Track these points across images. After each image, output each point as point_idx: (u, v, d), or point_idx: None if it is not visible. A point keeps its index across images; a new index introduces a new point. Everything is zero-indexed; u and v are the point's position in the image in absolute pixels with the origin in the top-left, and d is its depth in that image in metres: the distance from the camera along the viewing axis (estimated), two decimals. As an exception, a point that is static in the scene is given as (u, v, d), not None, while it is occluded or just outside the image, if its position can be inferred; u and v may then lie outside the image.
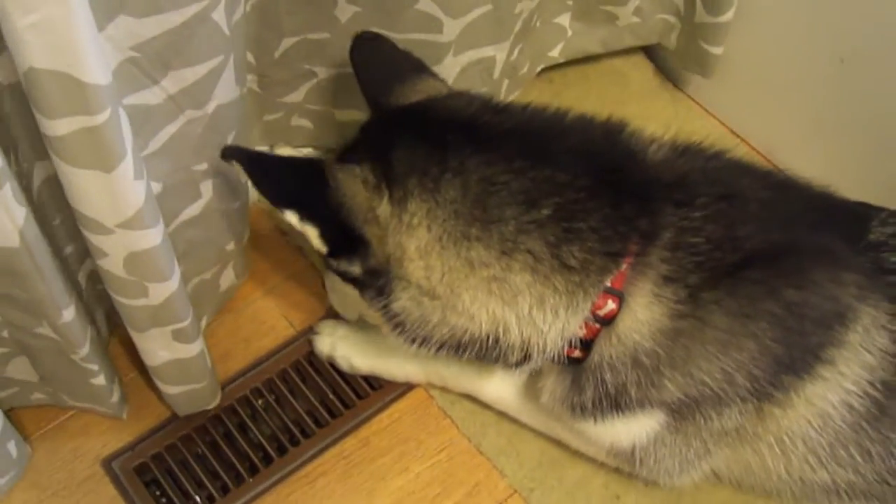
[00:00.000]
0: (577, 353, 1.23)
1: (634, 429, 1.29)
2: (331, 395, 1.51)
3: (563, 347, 1.21)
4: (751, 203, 1.24)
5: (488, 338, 1.21)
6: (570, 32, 1.82)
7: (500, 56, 1.59)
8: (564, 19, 1.79)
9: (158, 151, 1.14)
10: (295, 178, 1.24)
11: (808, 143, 1.71)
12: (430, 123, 1.23)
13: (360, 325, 1.51)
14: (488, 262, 1.17)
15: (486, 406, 1.49)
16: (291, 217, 1.23)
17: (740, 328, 1.19)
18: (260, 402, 1.50)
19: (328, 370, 1.53)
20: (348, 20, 1.42)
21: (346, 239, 1.23)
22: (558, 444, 1.46)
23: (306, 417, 1.49)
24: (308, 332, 1.55)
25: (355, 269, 1.25)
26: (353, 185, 1.20)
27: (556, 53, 1.84)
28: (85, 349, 1.24)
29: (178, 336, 1.26)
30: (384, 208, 1.19)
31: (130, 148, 0.98)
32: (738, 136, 1.85)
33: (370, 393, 1.51)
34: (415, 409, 1.50)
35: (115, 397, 1.39)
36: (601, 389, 1.24)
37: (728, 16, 1.72)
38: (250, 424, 1.47)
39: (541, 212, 1.16)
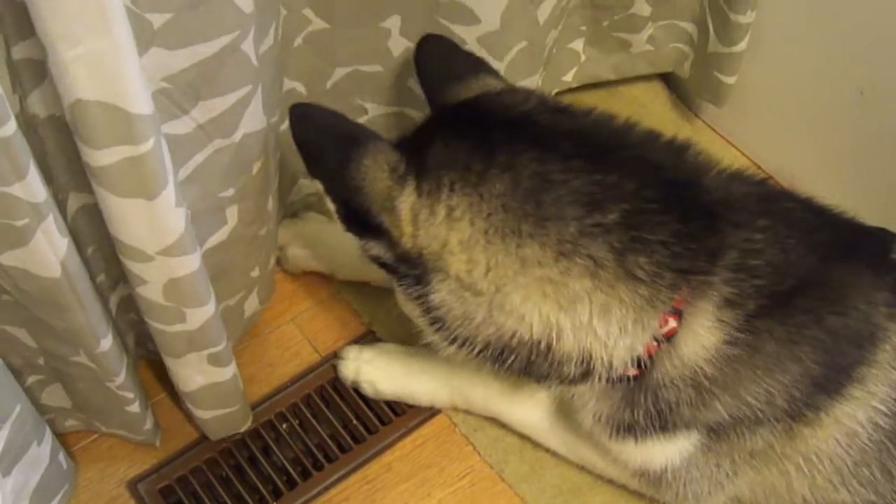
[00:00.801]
0: (632, 371, 1.20)
1: (670, 449, 1.28)
2: (354, 421, 1.52)
3: (627, 365, 1.18)
4: (799, 229, 1.24)
5: (539, 343, 1.16)
6: (583, 58, 1.83)
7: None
8: (578, 45, 1.80)
9: (187, 179, 1.15)
10: (330, 147, 1.21)
11: (827, 173, 1.72)
12: (477, 118, 1.20)
13: (386, 348, 1.53)
14: (543, 262, 1.13)
15: (508, 432, 1.49)
16: (319, 186, 1.22)
17: (787, 353, 1.19)
18: (284, 426, 1.51)
19: (352, 396, 1.53)
20: (400, 54, 1.43)
21: (363, 223, 1.21)
22: (580, 471, 1.47)
23: (330, 442, 1.49)
24: (332, 358, 1.56)
25: (385, 254, 1.22)
26: (377, 171, 1.18)
27: (569, 78, 1.85)
28: (121, 377, 1.24)
29: (213, 360, 1.27)
30: (406, 198, 1.17)
31: (171, 175, 1.00)
32: (758, 166, 1.86)
33: (393, 419, 1.52)
34: (437, 436, 1.51)
35: (149, 424, 1.40)
36: (655, 408, 1.23)
37: (741, 46, 1.72)
38: (275, 448, 1.48)
39: (607, 216, 1.12)
